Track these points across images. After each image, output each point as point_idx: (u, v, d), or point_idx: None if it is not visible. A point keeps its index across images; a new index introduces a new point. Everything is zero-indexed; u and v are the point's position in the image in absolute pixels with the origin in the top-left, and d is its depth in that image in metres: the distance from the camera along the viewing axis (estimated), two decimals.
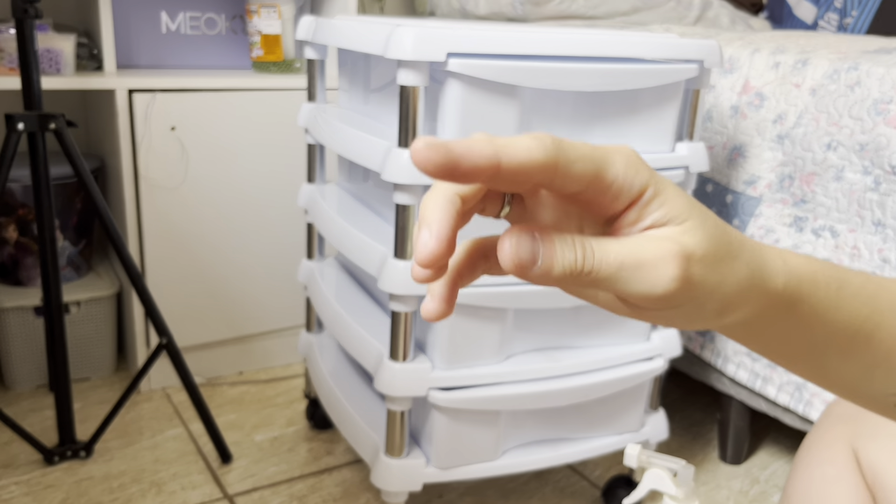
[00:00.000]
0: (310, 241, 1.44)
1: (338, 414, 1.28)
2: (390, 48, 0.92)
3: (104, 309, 1.69)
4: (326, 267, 1.43)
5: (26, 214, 1.61)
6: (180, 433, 1.53)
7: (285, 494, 1.37)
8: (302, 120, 1.36)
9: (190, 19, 1.76)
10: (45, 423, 1.53)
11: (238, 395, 1.69)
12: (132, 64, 1.72)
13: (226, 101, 1.60)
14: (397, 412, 1.09)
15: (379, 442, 1.13)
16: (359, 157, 1.08)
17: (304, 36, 1.30)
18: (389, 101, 1.15)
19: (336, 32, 1.16)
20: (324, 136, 1.24)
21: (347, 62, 1.32)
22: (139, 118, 1.52)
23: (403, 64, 0.93)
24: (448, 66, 0.93)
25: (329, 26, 1.19)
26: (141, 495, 1.34)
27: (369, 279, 1.31)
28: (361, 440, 1.19)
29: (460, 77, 0.94)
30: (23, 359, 1.64)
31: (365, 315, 1.22)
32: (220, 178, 1.63)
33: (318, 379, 1.39)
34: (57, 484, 1.36)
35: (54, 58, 1.49)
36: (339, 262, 1.46)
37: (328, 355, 1.43)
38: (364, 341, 1.14)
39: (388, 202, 1.21)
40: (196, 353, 1.70)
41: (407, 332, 1.05)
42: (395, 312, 1.04)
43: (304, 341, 1.50)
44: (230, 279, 1.70)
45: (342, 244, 1.18)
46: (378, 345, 1.10)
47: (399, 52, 0.92)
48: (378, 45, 0.97)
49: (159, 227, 1.59)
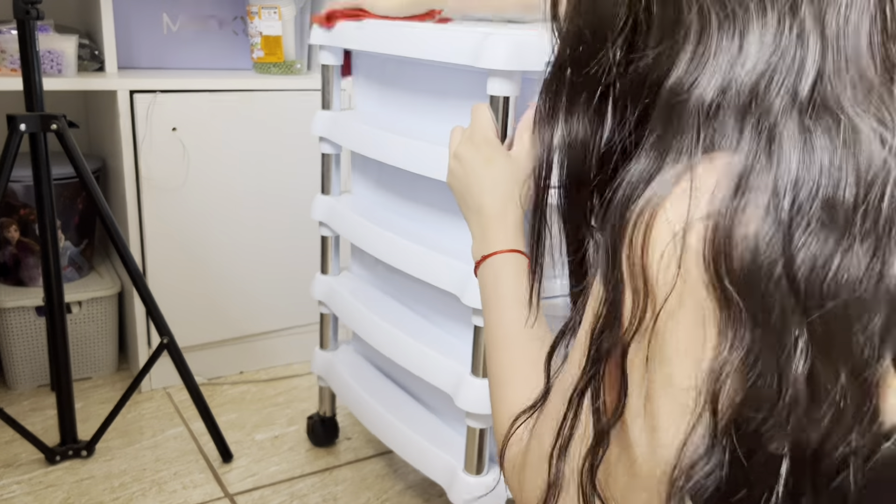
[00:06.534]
0: (324, 254, 1.38)
1: (392, 436, 1.23)
2: (483, 58, 0.89)
3: (105, 309, 1.69)
4: (348, 281, 1.36)
5: (28, 214, 1.62)
6: (181, 432, 1.54)
7: (286, 493, 1.37)
8: (318, 129, 1.30)
9: (191, 20, 1.77)
10: (46, 422, 1.54)
11: (239, 395, 1.70)
12: (133, 65, 1.73)
13: (227, 102, 1.61)
14: (477, 429, 1.06)
15: (455, 461, 1.11)
16: (427, 170, 1.04)
17: (319, 41, 1.26)
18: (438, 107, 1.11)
19: (390, 39, 1.09)
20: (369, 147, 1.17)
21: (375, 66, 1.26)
22: (140, 119, 1.52)
23: (496, 73, 0.89)
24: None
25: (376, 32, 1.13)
26: (142, 494, 1.34)
27: (404, 290, 1.25)
28: (431, 462, 1.15)
29: None
30: (24, 358, 1.64)
31: (424, 333, 1.16)
32: (221, 179, 1.64)
33: (349, 398, 1.33)
34: (58, 483, 1.36)
35: (56, 59, 1.49)
36: (356, 274, 1.39)
37: (360, 373, 1.35)
38: (436, 362, 1.10)
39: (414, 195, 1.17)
40: (197, 352, 1.71)
41: None
42: (479, 327, 1.01)
43: (321, 360, 1.43)
44: (231, 279, 1.70)
45: (399, 261, 1.13)
46: (455, 364, 1.07)
47: (493, 62, 0.88)
48: (466, 54, 0.92)
49: (160, 227, 1.60)
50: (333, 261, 1.39)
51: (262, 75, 1.70)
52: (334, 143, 1.31)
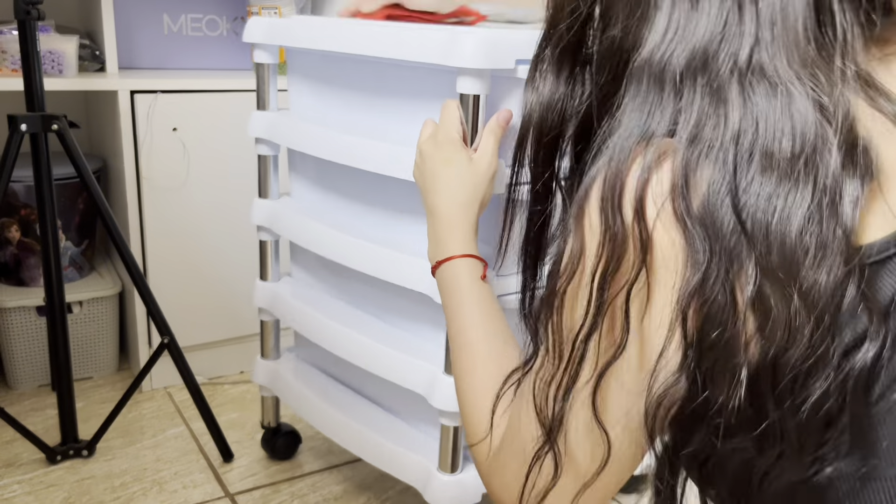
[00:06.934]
0: (263, 260, 1.32)
1: (359, 443, 1.20)
2: (452, 56, 0.87)
3: (106, 308, 1.69)
4: (292, 287, 1.32)
5: (29, 215, 1.62)
6: (182, 432, 1.54)
7: (286, 493, 1.37)
8: (255, 130, 1.24)
9: (191, 21, 1.77)
10: (47, 422, 1.54)
11: (239, 395, 1.70)
12: (134, 65, 1.73)
13: (227, 103, 1.61)
14: (450, 427, 1.05)
15: (429, 461, 1.10)
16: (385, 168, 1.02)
17: (255, 38, 1.19)
18: (384, 105, 1.09)
19: (336, 35, 1.07)
20: (315, 146, 1.14)
21: (307, 63, 1.21)
22: (141, 119, 1.52)
23: (465, 71, 0.88)
24: (518, 72, 0.89)
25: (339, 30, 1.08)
26: (143, 494, 1.34)
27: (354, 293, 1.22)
28: (403, 464, 1.14)
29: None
30: (25, 358, 1.64)
31: (389, 336, 1.14)
32: (222, 179, 1.64)
33: (305, 408, 1.29)
34: (59, 483, 1.36)
35: (57, 59, 1.50)
36: (298, 279, 1.34)
37: (311, 381, 1.32)
38: (403, 363, 1.08)
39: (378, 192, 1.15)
40: (197, 352, 1.71)
41: None
42: None
43: (264, 370, 1.37)
44: (231, 279, 1.71)
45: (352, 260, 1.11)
46: (427, 365, 1.05)
47: (462, 60, 0.87)
48: (436, 52, 0.91)
49: (161, 227, 1.60)
50: (273, 266, 1.33)
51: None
52: (272, 143, 1.26)
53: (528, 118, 0.61)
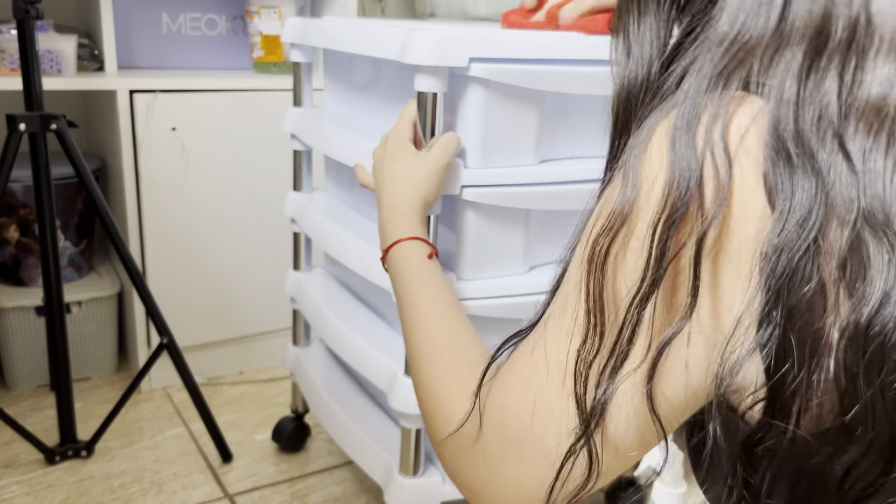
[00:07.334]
0: (296, 251, 1.38)
1: (340, 432, 1.22)
2: (408, 53, 0.88)
3: (105, 309, 1.69)
4: (315, 277, 1.37)
5: (28, 214, 1.61)
6: (181, 433, 1.54)
7: (286, 494, 1.37)
8: (288, 125, 1.30)
9: (191, 20, 1.77)
10: (46, 422, 1.54)
11: (238, 395, 1.70)
12: (133, 64, 1.73)
13: (226, 102, 1.61)
14: (412, 430, 1.05)
15: (392, 461, 1.09)
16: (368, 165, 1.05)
17: (292, 38, 1.25)
18: (383, 103, 1.12)
19: (335, 35, 1.11)
20: (322, 144, 1.20)
21: (338, 64, 1.26)
22: (140, 118, 1.52)
23: (422, 69, 0.89)
24: (471, 70, 0.90)
25: (325, 28, 1.14)
26: (142, 495, 1.34)
27: (363, 287, 1.26)
28: (371, 460, 1.14)
29: (483, 82, 0.91)
30: (24, 358, 1.64)
31: (368, 329, 1.17)
32: (221, 179, 1.64)
33: (311, 394, 1.33)
34: (58, 483, 1.36)
35: (55, 58, 1.49)
36: (327, 272, 1.39)
37: (320, 369, 1.36)
38: (373, 358, 1.09)
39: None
40: (197, 352, 1.71)
41: None
42: None
43: (292, 355, 1.43)
44: (231, 279, 1.70)
45: (345, 256, 1.14)
46: (390, 362, 1.06)
47: (418, 58, 0.88)
48: (394, 49, 0.92)
49: (160, 227, 1.60)
50: (305, 257, 1.38)
51: (262, 75, 1.70)
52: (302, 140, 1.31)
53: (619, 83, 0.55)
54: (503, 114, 0.94)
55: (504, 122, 0.95)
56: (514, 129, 0.96)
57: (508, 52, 0.91)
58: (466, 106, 0.94)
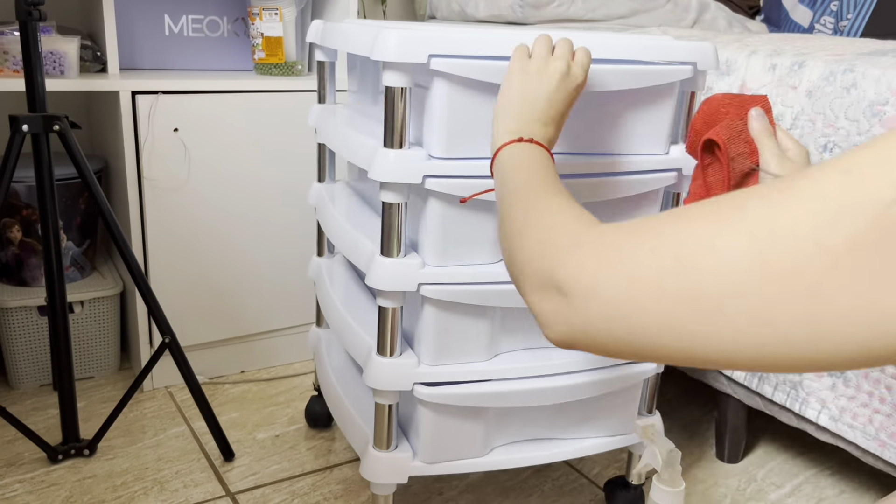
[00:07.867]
0: (319, 238, 1.47)
1: (336, 409, 1.30)
2: (376, 50, 0.96)
3: (108, 308, 1.70)
4: (335, 264, 1.45)
5: (30, 215, 1.62)
6: (183, 431, 1.55)
7: (287, 492, 1.38)
8: (311, 120, 1.39)
9: (192, 22, 1.78)
10: (48, 421, 1.54)
11: (240, 394, 1.71)
12: (135, 66, 1.74)
13: (228, 103, 1.61)
14: (385, 405, 1.10)
15: (369, 435, 1.15)
16: (351, 155, 1.12)
17: (313, 39, 1.34)
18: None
19: (338, 35, 1.19)
20: (327, 136, 1.27)
21: (356, 64, 1.36)
22: (142, 119, 1.53)
23: (388, 65, 0.97)
24: (431, 65, 0.96)
25: (333, 30, 1.22)
26: (144, 493, 1.35)
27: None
28: (355, 434, 1.21)
29: (446, 76, 0.97)
30: (27, 358, 1.65)
31: (361, 311, 1.24)
32: (223, 179, 1.65)
33: (322, 374, 1.41)
34: (60, 482, 1.37)
35: (58, 60, 1.50)
36: (343, 257, 1.49)
37: (333, 351, 1.45)
38: (356, 336, 1.16)
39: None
40: (199, 351, 1.72)
41: (394, 327, 1.06)
42: (382, 308, 1.06)
43: (313, 335, 1.52)
44: (233, 279, 1.71)
45: (337, 240, 1.21)
46: (368, 339, 1.13)
47: (384, 54, 0.95)
48: (366, 46, 1.01)
49: (162, 227, 1.61)
50: (328, 243, 1.47)
51: (264, 76, 1.71)
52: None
53: None
54: (468, 109, 1.00)
55: (469, 118, 1.00)
56: (480, 124, 1.01)
57: (465, 49, 0.97)
58: (433, 101, 1.00)
